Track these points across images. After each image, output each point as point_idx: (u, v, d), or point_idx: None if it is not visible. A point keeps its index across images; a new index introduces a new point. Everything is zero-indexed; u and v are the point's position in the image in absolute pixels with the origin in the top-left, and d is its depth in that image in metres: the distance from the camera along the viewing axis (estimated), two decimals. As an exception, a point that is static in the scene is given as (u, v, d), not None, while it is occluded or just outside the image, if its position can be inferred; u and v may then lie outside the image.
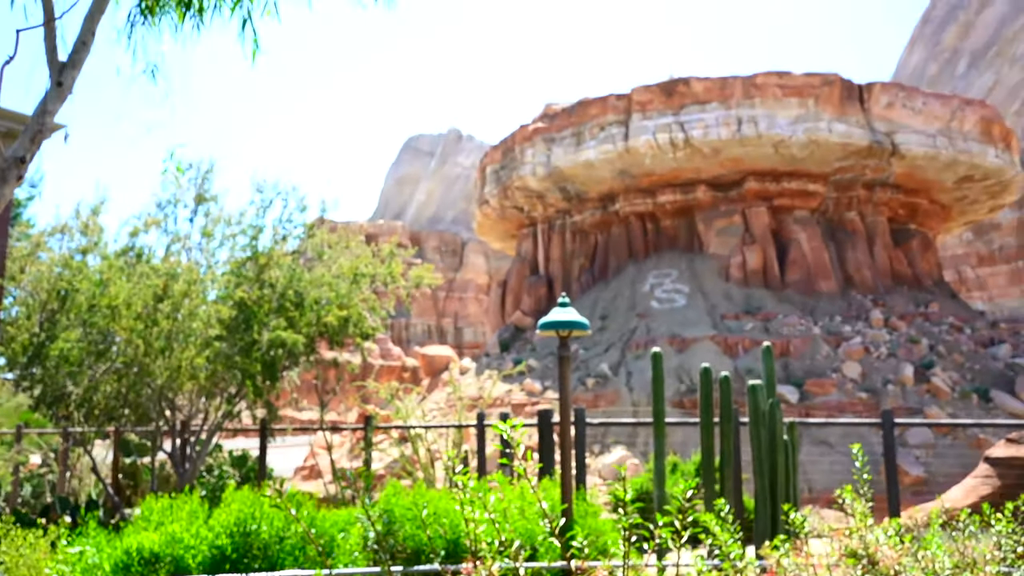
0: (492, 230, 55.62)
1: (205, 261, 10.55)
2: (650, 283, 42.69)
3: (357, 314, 10.83)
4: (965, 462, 24.28)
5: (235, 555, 5.21)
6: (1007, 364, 36.82)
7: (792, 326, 38.03)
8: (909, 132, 40.42)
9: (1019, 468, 10.43)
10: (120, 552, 4.90)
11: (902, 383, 33.96)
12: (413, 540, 5.88)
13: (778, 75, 40.36)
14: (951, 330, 40.05)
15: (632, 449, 28.62)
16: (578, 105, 44.12)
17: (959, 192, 45.83)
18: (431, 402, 38.00)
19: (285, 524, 5.35)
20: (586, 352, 38.87)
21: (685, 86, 40.86)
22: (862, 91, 40.79)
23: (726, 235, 43.08)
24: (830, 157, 40.83)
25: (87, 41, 5.07)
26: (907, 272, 45.62)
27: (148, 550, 4.93)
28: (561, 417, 7.03)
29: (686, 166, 41.86)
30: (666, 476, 8.62)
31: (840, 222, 44.92)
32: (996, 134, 43.18)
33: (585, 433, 10.52)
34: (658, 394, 8.74)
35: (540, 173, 44.15)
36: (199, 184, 10.52)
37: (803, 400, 32.49)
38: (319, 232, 11.16)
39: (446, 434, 12.27)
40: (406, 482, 11.67)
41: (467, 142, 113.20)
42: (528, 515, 6.27)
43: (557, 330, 6.67)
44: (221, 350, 9.77)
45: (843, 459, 25.41)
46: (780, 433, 7.84)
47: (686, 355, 35.50)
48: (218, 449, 11.84)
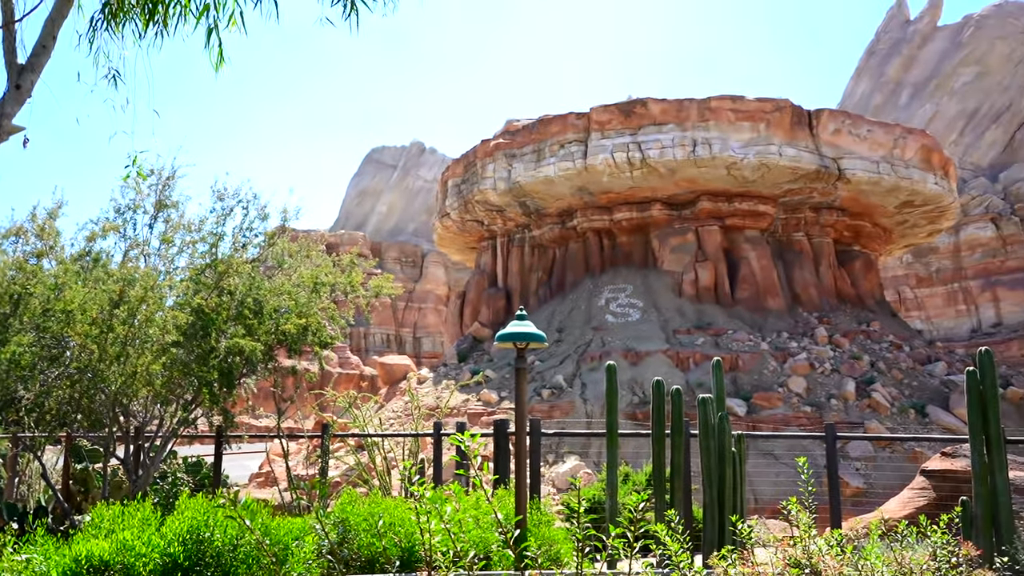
0: (452, 242, 55.74)
1: (164, 267, 10.57)
2: (606, 297, 43.26)
3: (316, 323, 10.94)
4: (903, 474, 25.10)
5: (187, 563, 5.17)
6: (943, 381, 38.18)
7: (741, 341, 38.92)
8: (854, 158, 41.81)
9: (953, 481, 10.95)
10: (69, 560, 4.83)
11: (845, 398, 34.97)
12: (368, 549, 5.96)
13: (732, 99, 41.48)
14: (891, 348, 41.38)
15: (585, 459, 28.95)
16: (539, 122, 44.66)
17: (900, 216, 47.52)
18: (389, 411, 37.86)
19: (239, 532, 5.33)
20: (542, 364, 39.20)
21: (643, 107, 41.69)
22: (811, 117, 42.08)
23: (680, 252, 43.95)
24: (780, 180, 41.98)
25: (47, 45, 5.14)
26: (851, 292, 47.07)
27: (98, 558, 4.86)
28: (517, 428, 7.22)
29: (643, 185, 42.62)
30: (618, 487, 8.89)
31: (788, 242, 46.20)
32: (935, 162, 44.96)
33: (540, 443, 10.79)
34: (612, 406, 9.03)
35: (501, 188, 44.47)
36: (160, 190, 10.55)
37: (751, 413, 33.23)
38: (280, 241, 11.24)
39: (403, 443, 12.40)
40: (362, 490, 11.77)
41: (429, 155, 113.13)
42: (483, 524, 6.40)
43: (514, 342, 6.91)
44: (178, 357, 9.78)
45: (788, 471, 26.12)
46: (729, 445, 8.13)
47: (639, 368, 36.06)
48: (172, 456, 11.78)
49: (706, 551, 7.80)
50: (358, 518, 6.15)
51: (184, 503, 5.61)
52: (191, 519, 5.37)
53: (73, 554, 4.86)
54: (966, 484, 8.85)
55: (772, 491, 24.83)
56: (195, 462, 12.12)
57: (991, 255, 76.73)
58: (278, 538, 5.52)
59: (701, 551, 7.94)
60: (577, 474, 27.00)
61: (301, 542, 5.64)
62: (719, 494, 8.02)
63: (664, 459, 8.73)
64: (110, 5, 5.76)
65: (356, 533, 6.04)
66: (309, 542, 5.65)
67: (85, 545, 4.94)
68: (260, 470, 27.94)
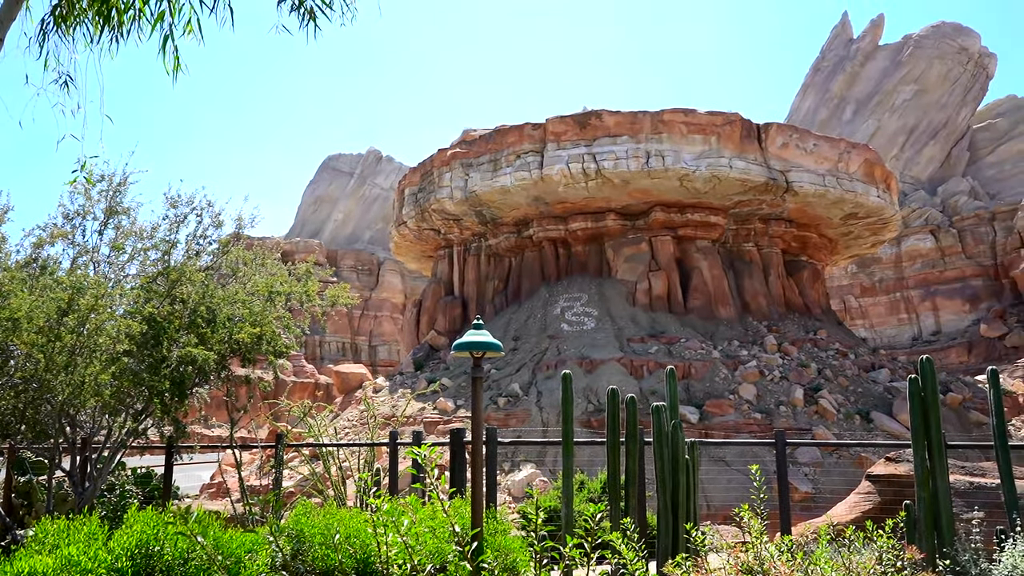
0: (409, 251, 55.49)
1: (114, 275, 10.34)
2: (561, 306, 43.55)
3: (271, 332, 10.81)
4: (849, 479, 25.74)
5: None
6: (886, 387, 39.36)
7: (694, 349, 39.56)
8: (802, 171, 42.98)
9: (897, 485, 11.30)
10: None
11: (793, 404, 35.79)
12: (323, 561, 5.87)
13: (684, 112, 42.29)
14: (837, 355, 42.53)
15: (541, 467, 29.04)
16: (496, 132, 44.85)
17: (845, 228, 48.98)
18: (344, 420, 37.42)
19: (190, 545, 5.21)
20: (498, 372, 39.23)
21: (598, 119, 42.20)
22: (760, 131, 43.12)
23: (634, 262, 44.52)
24: (730, 191, 42.88)
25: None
26: (799, 301, 48.27)
27: (41, 574, 4.71)
28: (473, 437, 7.25)
29: (597, 195, 43.10)
30: (573, 494, 8.95)
31: (739, 252, 47.19)
32: (878, 176, 46.48)
33: (496, 452, 10.82)
34: (567, 415, 9.11)
35: (457, 197, 44.48)
36: (110, 196, 10.34)
37: (703, 420, 33.75)
38: (235, 249, 11.10)
39: (358, 452, 12.29)
40: (316, 500, 11.64)
41: (386, 163, 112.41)
42: (439, 534, 6.40)
43: (471, 351, 6.95)
44: (128, 366, 9.57)
45: (739, 476, 26.60)
46: (682, 453, 8.24)
47: (594, 376, 36.36)
48: (121, 467, 11.49)
49: (660, 558, 7.90)
50: (313, 530, 6.06)
51: (133, 516, 5.47)
52: (140, 533, 5.24)
53: (15, 571, 4.70)
54: (909, 488, 9.17)
55: (723, 497, 25.25)
56: (145, 473, 11.83)
57: (930, 266, 79.54)
58: (230, 551, 5.41)
59: (655, 558, 8.02)
60: (533, 482, 27.07)
61: (254, 555, 5.53)
62: (673, 501, 8.11)
63: (619, 467, 8.81)
64: (60, 8, 5.65)
65: (311, 545, 5.94)
66: (262, 555, 5.54)
67: (28, 561, 4.78)
68: (212, 481, 27.34)
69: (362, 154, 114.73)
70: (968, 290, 77.25)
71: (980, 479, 10.25)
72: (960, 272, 78.17)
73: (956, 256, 78.99)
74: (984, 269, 77.62)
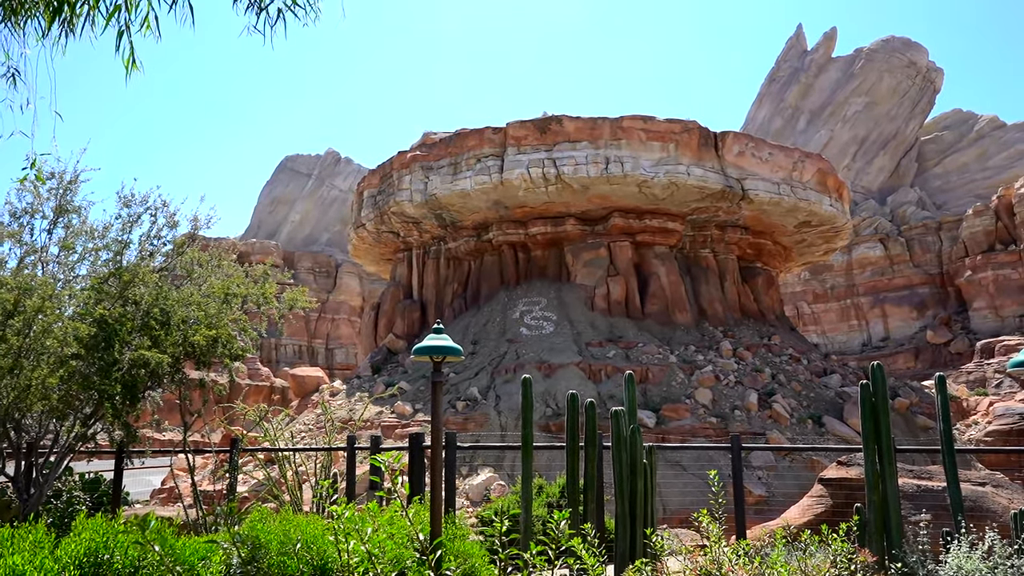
0: (367, 253, 55.01)
1: (63, 275, 10.05)
2: (520, 310, 43.62)
3: (227, 334, 10.62)
4: (802, 482, 26.24)
5: (85, 588, 4.87)
6: (837, 392, 40.29)
7: (651, 354, 39.97)
8: (757, 179, 43.79)
9: (848, 488, 11.56)
10: (-52, 588, 4.51)
11: (748, 409, 36.40)
12: (279, 568, 5.79)
13: (643, 119, 42.76)
14: (790, 361, 43.39)
15: (499, 471, 29.00)
16: (456, 136, 44.77)
17: (799, 236, 50.06)
18: (300, 424, 36.88)
19: (141, 553, 5.08)
20: (457, 376, 39.11)
21: (558, 124, 42.43)
22: (717, 139, 43.80)
23: (592, 267, 44.83)
24: (688, 198, 43.48)
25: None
26: (753, 307, 49.14)
27: None
28: (432, 442, 7.21)
29: (557, 200, 43.31)
30: (532, 499, 8.95)
31: (696, 259, 47.86)
32: (831, 185, 47.62)
33: (456, 456, 10.79)
34: (527, 419, 9.12)
35: (417, 200, 44.26)
36: (60, 195, 10.04)
37: (659, 424, 34.10)
38: (190, 250, 10.89)
39: (314, 457, 12.14)
40: (271, 506, 11.47)
41: (345, 165, 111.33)
42: (398, 540, 6.36)
43: (432, 355, 6.91)
44: (77, 369, 9.31)
45: (695, 480, 26.94)
46: (640, 457, 8.31)
47: (553, 380, 36.49)
48: (68, 473, 11.16)
49: (618, 563, 7.95)
50: (269, 536, 5.96)
51: (81, 523, 5.30)
52: (89, 540, 5.08)
53: (-46, 582, 4.55)
54: (860, 491, 9.40)
55: (679, 500, 25.54)
56: (93, 479, 11.50)
57: (880, 273, 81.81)
58: (183, 558, 5.27)
59: (613, 562, 8.05)
60: (491, 486, 27.04)
61: (208, 562, 5.41)
62: (631, 505, 8.17)
63: (578, 471, 8.85)
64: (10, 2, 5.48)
65: (267, 552, 5.85)
66: (216, 562, 5.43)
67: (-32, 572, 4.62)
68: (163, 486, 26.75)
69: (321, 155, 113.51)
70: (915, 298, 79.64)
71: (927, 482, 10.55)
72: (908, 280, 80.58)
73: (904, 264, 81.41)
74: (931, 277, 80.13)
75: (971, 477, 11.23)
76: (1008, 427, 37.97)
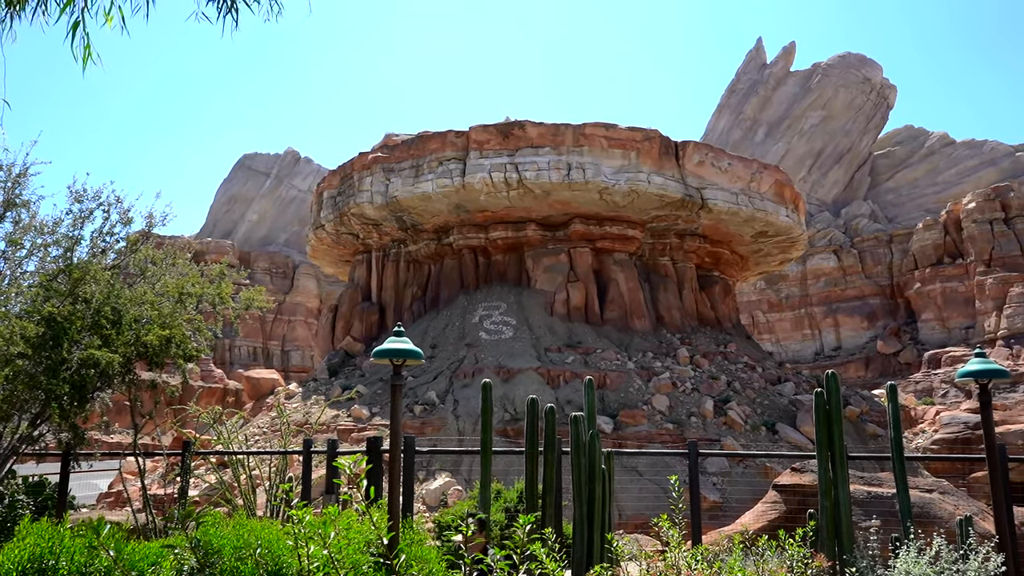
0: (326, 255, 54.38)
1: (10, 272, 9.72)
2: (480, 315, 43.57)
3: (180, 334, 10.39)
4: (755, 488, 26.65)
5: (29, 595, 4.73)
6: (791, 400, 41.10)
7: (609, 360, 40.27)
8: (716, 189, 44.51)
9: (801, 494, 11.77)
10: None
11: (703, 415, 36.91)
12: (232, 573, 5.70)
13: (605, 127, 43.16)
14: (746, 368, 44.13)
15: (456, 476, 28.88)
16: (418, 138, 44.60)
17: (756, 245, 51.00)
18: (255, 426, 36.25)
19: (88, 558, 4.90)
20: (415, 379, 38.87)
21: (521, 129, 42.57)
22: (678, 148, 44.43)
23: (552, 272, 45.04)
24: (648, 206, 43.98)
25: None
26: (710, 314, 49.88)
27: None
28: (391, 446, 7.13)
29: (518, 205, 43.42)
30: (491, 503, 8.92)
31: (654, 266, 48.43)
32: (787, 196, 48.65)
33: (414, 461, 10.70)
34: (486, 424, 9.10)
35: (378, 202, 43.92)
36: (8, 188, 9.72)
37: (617, 430, 34.36)
38: (144, 247, 10.63)
39: (268, 460, 11.93)
40: (224, 509, 11.22)
41: (304, 164, 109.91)
42: (353, 544, 6.30)
43: (392, 358, 6.85)
44: (23, 368, 9.01)
45: (651, 486, 27.19)
46: (599, 462, 8.34)
47: (511, 385, 36.51)
48: (11, 476, 10.78)
49: (576, 568, 7.96)
50: (223, 541, 5.83)
51: (25, 528, 5.15)
52: (33, 545, 4.92)
53: None
54: (813, 497, 9.58)
55: (636, 506, 25.74)
56: (37, 482, 11.12)
57: (833, 284, 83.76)
58: (132, 563, 5.07)
59: (571, 568, 8.06)
60: (448, 491, 26.91)
61: (158, 567, 5.22)
62: (589, 511, 8.18)
63: (537, 476, 8.85)
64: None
65: (220, 556, 5.72)
66: (167, 567, 5.27)
67: (-97, 579, 4.48)
68: (110, 490, 26.00)
69: (280, 154, 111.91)
70: (867, 308, 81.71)
71: (877, 489, 10.80)
72: (860, 291, 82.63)
73: (856, 275, 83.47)
74: (882, 288, 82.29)
75: (919, 484, 11.53)
76: (954, 436, 39.12)
